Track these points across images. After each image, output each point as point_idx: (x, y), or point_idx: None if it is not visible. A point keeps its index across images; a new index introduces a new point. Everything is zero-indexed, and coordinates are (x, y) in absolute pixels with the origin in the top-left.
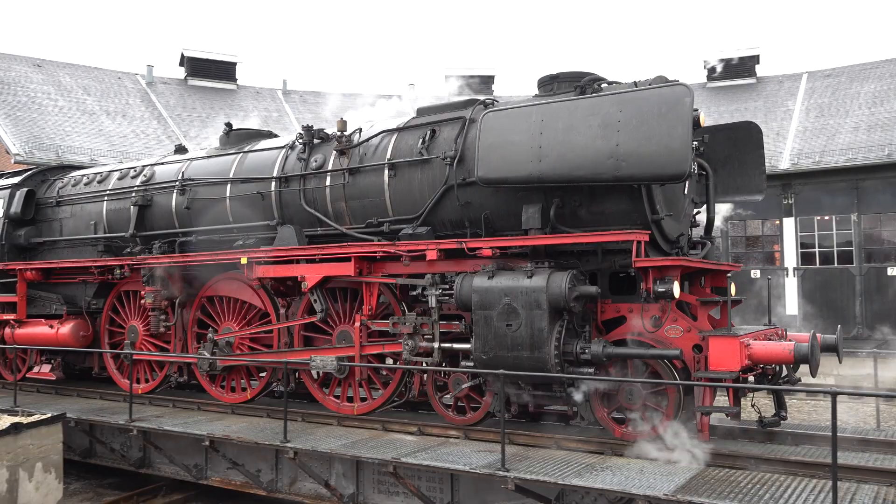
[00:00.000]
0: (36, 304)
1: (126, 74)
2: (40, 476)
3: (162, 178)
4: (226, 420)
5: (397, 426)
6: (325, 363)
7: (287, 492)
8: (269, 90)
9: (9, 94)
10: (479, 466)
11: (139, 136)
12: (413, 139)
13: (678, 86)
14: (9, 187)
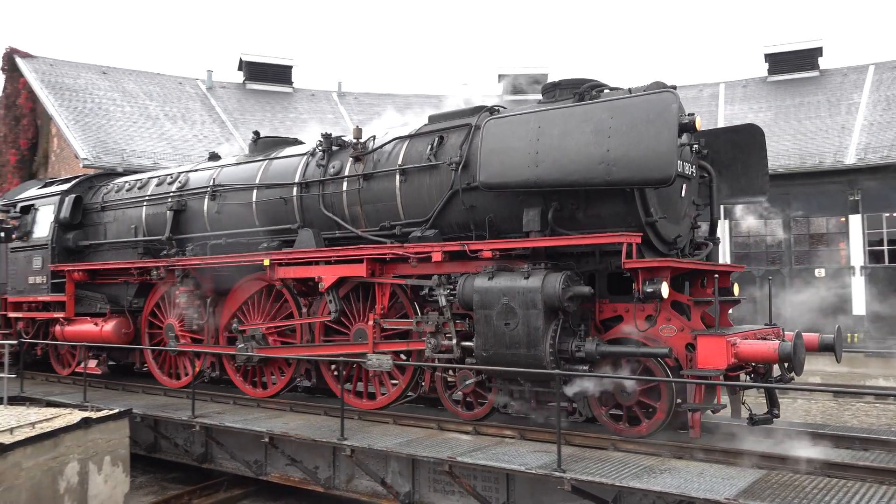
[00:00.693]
0: (83, 303)
1: (187, 80)
2: (108, 469)
3: (195, 185)
4: (284, 417)
5: (453, 425)
6: (380, 362)
7: (344, 489)
8: (324, 92)
9: (77, 100)
10: (535, 467)
11: (199, 139)
12: (423, 146)
13: (665, 92)
14: (58, 194)
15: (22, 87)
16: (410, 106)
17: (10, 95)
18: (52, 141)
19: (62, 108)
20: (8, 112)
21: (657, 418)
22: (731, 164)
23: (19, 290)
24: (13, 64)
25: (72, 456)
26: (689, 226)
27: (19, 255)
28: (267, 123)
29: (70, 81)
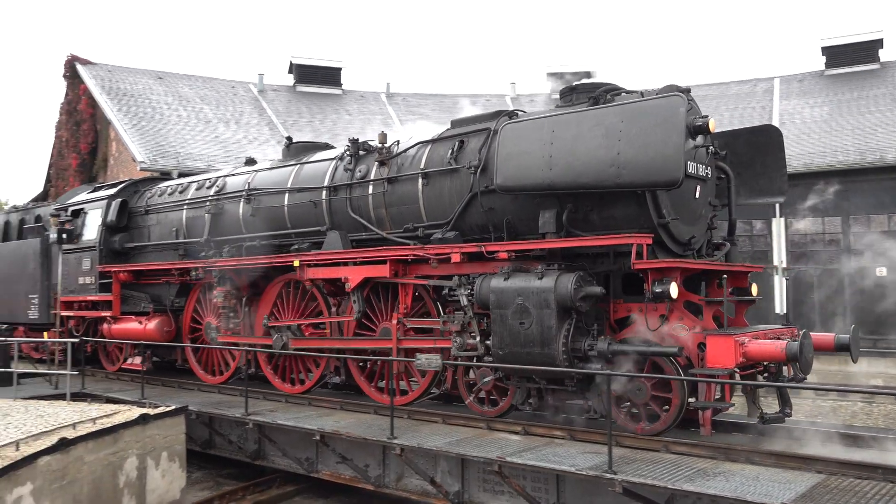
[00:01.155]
0: (128, 303)
1: (239, 83)
2: (166, 464)
3: (232, 189)
4: (335, 416)
5: (502, 425)
6: (430, 362)
7: (394, 487)
8: (372, 93)
9: (135, 105)
10: (586, 468)
11: (251, 141)
12: (444, 150)
13: (673, 96)
14: (106, 198)
15: (82, 93)
16: (458, 106)
17: (71, 101)
18: (111, 145)
19: (120, 112)
20: (69, 117)
21: (669, 416)
22: (750, 164)
23: (70, 289)
24: (74, 71)
25: (131, 451)
26: (706, 226)
27: (70, 257)
28: (317, 125)
29: (128, 87)
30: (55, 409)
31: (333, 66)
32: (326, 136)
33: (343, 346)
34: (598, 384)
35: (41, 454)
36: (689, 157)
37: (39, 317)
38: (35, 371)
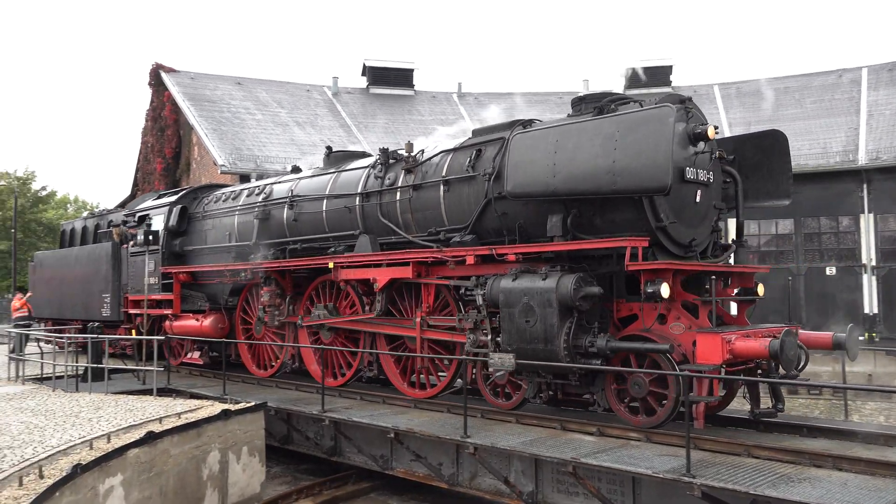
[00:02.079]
0: (187, 301)
1: (314, 87)
2: (246, 459)
3: (277, 195)
4: (409, 414)
5: (575, 426)
6: (503, 361)
7: (467, 486)
8: (444, 94)
9: (215, 110)
10: (663, 471)
11: (326, 143)
12: (463, 158)
13: (663, 107)
14: (168, 205)
15: (166, 99)
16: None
17: (156, 108)
18: (193, 149)
19: (202, 118)
20: (154, 123)
21: (665, 410)
22: (757, 168)
23: (137, 289)
24: (159, 79)
25: (213, 445)
26: (710, 229)
27: (137, 259)
28: (390, 126)
29: (209, 93)
30: (143, 404)
31: (406, 68)
32: (399, 137)
33: (372, 331)
34: (600, 379)
35: (130, 446)
36: (688, 163)
37: (111, 314)
38: (124, 367)
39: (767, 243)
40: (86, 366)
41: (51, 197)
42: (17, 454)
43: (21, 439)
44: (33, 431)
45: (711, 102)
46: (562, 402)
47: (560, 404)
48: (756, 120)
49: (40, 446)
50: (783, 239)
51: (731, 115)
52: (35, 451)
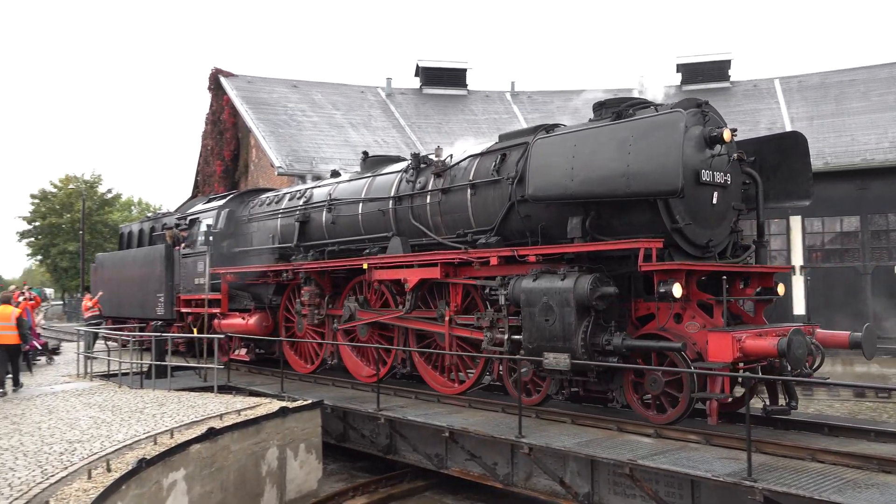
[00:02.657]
0: (234, 301)
1: (368, 88)
2: (304, 456)
3: (317, 199)
4: (463, 413)
5: (632, 426)
6: (558, 361)
7: (522, 486)
8: (497, 93)
9: (272, 113)
10: (723, 474)
11: (380, 144)
12: (489, 162)
13: (674, 112)
14: (216, 209)
15: (225, 103)
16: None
17: (215, 112)
18: (251, 151)
19: (259, 120)
20: (214, 127)
21: (680, 406)
22: (777, 169)
23: (188, 289)
24: (218, 83)
25: (272, 442)
26: (728, 230)
27: (188, 261)
28: (443, 127)
29: (265, 96)
30: (204, 401)
31: (459, 68)
32: (452, 137)
33: (404, 326)
34: (619, 376)
35: (192, 442)
36: (704, 165)
37: (165, 313)
38: (186, 364)
39: (832, 241)
40: (150, 363)
41: (116, 199)
42: (87, 448)
43: (90, 433)
44: (101, 426)
45: (772, 97)
46: (583, 399)
47: (581, 400)
48: (819, 114)
49: (108, 440)
50: (849, 237)
51: (792, 109)
52: (103, 446)
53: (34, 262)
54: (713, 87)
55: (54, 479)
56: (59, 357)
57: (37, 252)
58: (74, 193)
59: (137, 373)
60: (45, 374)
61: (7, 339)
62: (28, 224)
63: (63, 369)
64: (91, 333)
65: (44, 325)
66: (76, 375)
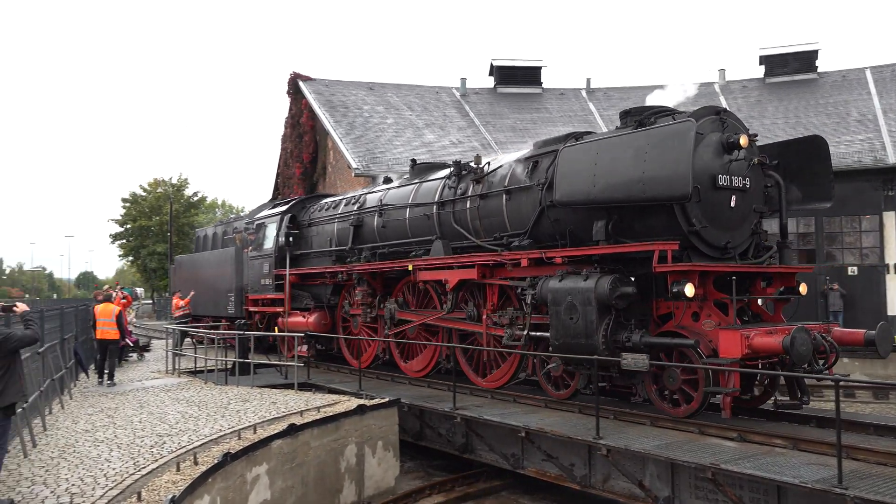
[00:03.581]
0: (296, 300)
1: (443, 89)
2: (381, 453)
3: (370, 204)
4: (539, 413)
5: (715, 430)
6: (636, 362)
7: (600, 488)
8: (572, 90)
9: (349, 115)
10: (812, 481)
11: (455, 144)
12: (522, 169)
13: (685, 122)
14: (279, 214)
15: (304, 107)
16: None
17: (294, 115)
18: (329, 154)
19: (336, 123)
20: (293, 130)
21: (696, 401)
22: (800, 172)
23: (255, 289)
24: (296, 87)
25: (350, 439)
26: (749, 231)
27: (255, 262)
28: (518, 126)
29: (342, 99)
30: (285, 398)
31: (533, 66)
32: (527, 136)
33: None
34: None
35: (274, 438)
36: (722, 170)
37: (235, 311)
38: (268, 362)
39: None
40: (234, 360)
41: (202, 202)
42: (175, 441)
43: (178, 428)
44: (188, 421)
45: (863, 87)
46: (609, 393)
47: (607, 395)
48: None
49: (194, 435)
50: None
51: (885, 100)
52: (190, 440)
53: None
54: (799, 79)
55: (145, 471)
56: (149, 354)
57: (128, 253)
58: (162, 197)
59: (222, 370)
60: (136, 369)
61: (108, 334)
62: (119, 227)
63: (153, 366)
64: (179, 331)
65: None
66: (165, 372)
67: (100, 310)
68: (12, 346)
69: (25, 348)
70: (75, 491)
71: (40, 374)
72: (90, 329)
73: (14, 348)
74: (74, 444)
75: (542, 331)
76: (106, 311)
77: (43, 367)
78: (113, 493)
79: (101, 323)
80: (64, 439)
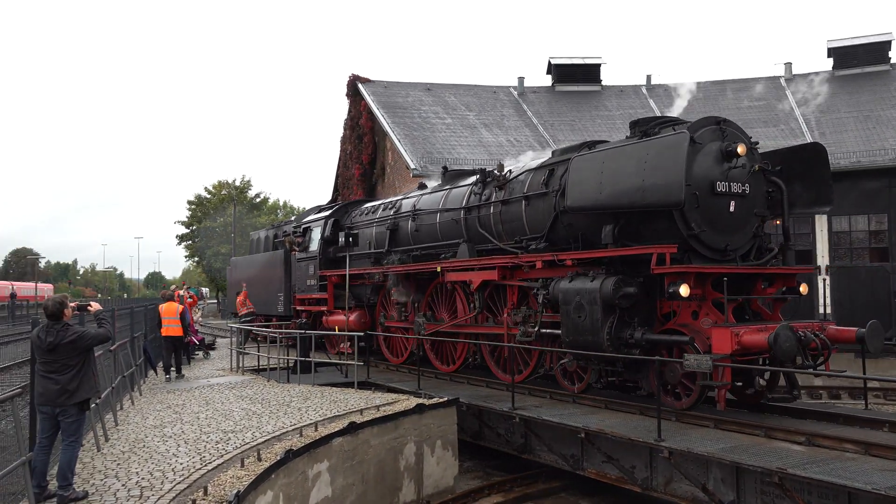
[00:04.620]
0: (338, 300)
1: (500, 88)
2: (440, 452)
3: (404, 210)
4: (599, 414)
5: (781, 434)
6: (699, 363)
7: (662, 491)
8: (632, 87)
9: (406, 116)
10: (885, 487)
11: (513, 144)
12: (540, 176)
13: (680, 133)
14: (323, 219)
15: (363, 108)
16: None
17: (353, 117)
18: (388, 155)
19: (395, 124)
20: (352, 132)
21: (694, 394)
22: (802, 178)
23: (302, 289)
24: (355, 89)
25: (409, 437)
26: (750, 234)
27: (302, 264)
28: (577, 124)
29: (401, 100)
30: (345, 396)
31: (592, 63)
32: (586, 135)
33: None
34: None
35: (335, 435)
36: (721, 177)
37: (284, 310)
38: (328, 361)
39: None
40: (295, 359)
41: (264, 203)
42: (239, 438)
43: (242, 424)
44: (252, 418)
45: None
46: (618, 387)
47: (617, 388)
48: None
49: (258, 431)
50: None
51: None
52: (254, 436)
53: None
54: (870, 71)
55: (211, 466)
56: (214, 352)
57: (193, 254)
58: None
59: (284, 368)
60: (202, 367)
61: (172, 331)
62: (185, 228)
63: (218, 363)
64: (244, 330)
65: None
66: (229, 369)
67: (164, 308)
68: (86, 344)
69: (98, 346)
70: (145, 485)
71: (112, 371)
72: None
73: (88, 346)
74: (144, 438)
75: (553, 328)
76: (170, 310)
77: (114, 364)
78: (180, 488)
79: (166, 321)
80: (134, 434)
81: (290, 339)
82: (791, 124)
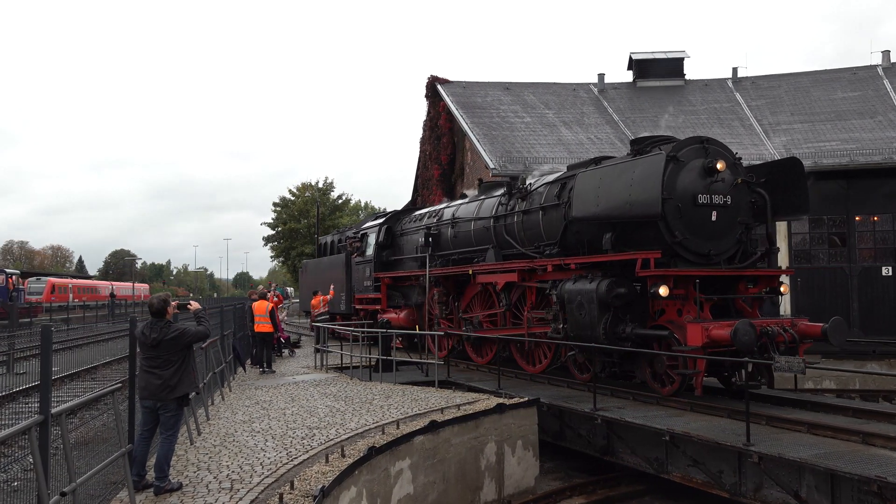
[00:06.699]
0: (391, 299)
1: (580, 86)
2: (521, 452)
3: (445, 217)
4: (685, 416)
5: (881, 441)
6: (790, 365)
7: (751, 497)
8: (717, 81)
9: (485, 116)
10: None
11: (593, 141)
12: (554, 189)
13: (657, 154)
14: (377, 225)
15: (441, 109)
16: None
17: (432, 118)
18: (467, 155)
19: (474, 124)
20: (431, 133)
21: (677, 382)
22: (784, 189)
23: (360, 290)
24: (434, 90)
25: (490, 437)
26: (733, 241)
27: (359, 267)
28: (659, 120)
29: (479, 100)
30: (426, 394)
31: (675, 57)
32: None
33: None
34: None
35: (416, 433)
36: (703, 190)
37: (346, 309)
38: (409, 359)
39: None
40: (377, 357)
41: (346, 204)
42: (324, 434)
43: (326, 421)
44: (335, 415)
45: None
46: (619, 377)
47: (618, 378)
48: None
49: (342, 428)
50: None
51: None
52: (338, 433)
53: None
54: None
55: (297, 461)
56: (299, 350)
57: (279, 254)
58: (310, 200)
59: (366, 366)
60: (287, 364)
61: (264, 327)
62: (271, 229)
63: (303, 361)
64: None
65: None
66: (314, 367)
67: (255, 306)
68: (187, 341)
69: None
70: (235, 478)
71: (204, 368)
72: (247, 325)
73: (188, 343)
74: (234, 433)
75: None
76: (261, 308)
77: (206, 360)
78: (268, 482)
79: (258, 318)
80: (224, 429)
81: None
82: (890, 115)
